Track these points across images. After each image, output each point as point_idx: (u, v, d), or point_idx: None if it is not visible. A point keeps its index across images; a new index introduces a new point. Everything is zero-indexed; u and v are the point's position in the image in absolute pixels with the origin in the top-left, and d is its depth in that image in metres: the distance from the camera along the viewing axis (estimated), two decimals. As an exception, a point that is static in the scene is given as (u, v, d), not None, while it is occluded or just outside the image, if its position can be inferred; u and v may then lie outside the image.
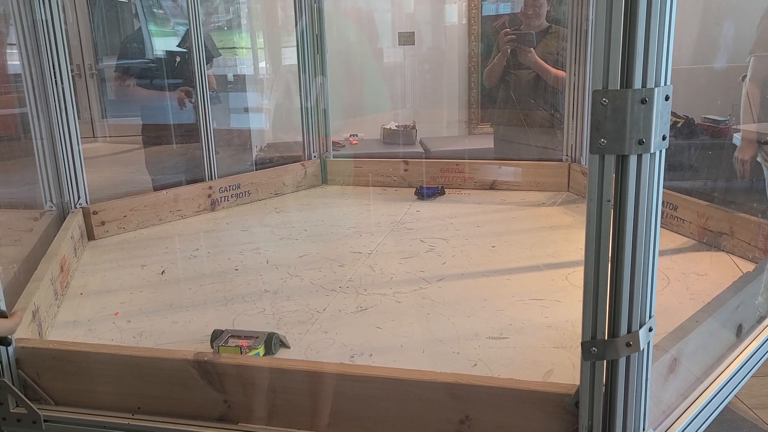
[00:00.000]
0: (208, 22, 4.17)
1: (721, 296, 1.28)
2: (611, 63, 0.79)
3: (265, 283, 1.68)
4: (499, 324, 1.39)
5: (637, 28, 0.77)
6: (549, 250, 1.86)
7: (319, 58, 2.71)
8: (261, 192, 2.58)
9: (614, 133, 0.80)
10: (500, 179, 2.61)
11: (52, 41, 1.89)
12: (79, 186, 2.04)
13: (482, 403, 0.98)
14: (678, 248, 1.83)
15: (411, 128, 4.35)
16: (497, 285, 1.63)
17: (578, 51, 2.38)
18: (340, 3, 4.46)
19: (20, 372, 1.14)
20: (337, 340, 1.34)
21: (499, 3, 4.73)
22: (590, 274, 0.86)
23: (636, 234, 0.84)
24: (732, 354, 1.26)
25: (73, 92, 1.97)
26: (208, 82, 2.42)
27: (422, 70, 4.78)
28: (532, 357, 1.25)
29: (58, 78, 1.92)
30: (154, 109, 2.95)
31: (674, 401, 1.10)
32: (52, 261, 1.60)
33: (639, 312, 0.87)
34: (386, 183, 2.74)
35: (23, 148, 2.07)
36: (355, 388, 1.04)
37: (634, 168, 0.82)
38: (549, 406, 0.95)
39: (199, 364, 1.07)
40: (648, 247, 0.85)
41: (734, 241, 1.74)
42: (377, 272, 1.73)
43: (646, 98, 0.79)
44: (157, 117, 2.97)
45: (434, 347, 1.30)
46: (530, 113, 2.89)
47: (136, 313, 1.52)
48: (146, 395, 1.11)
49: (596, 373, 0.90)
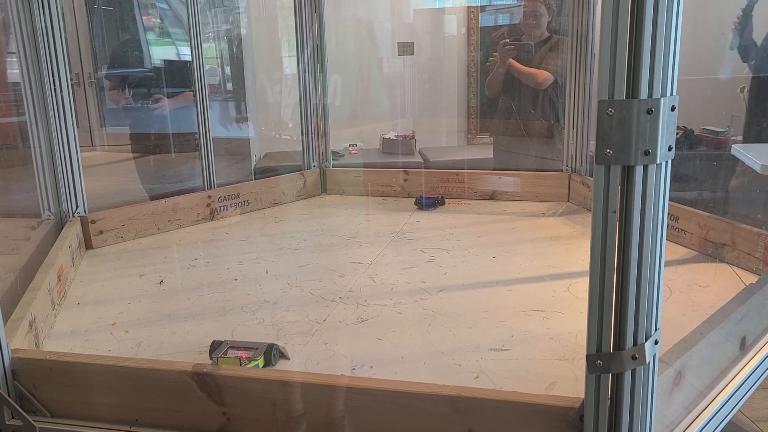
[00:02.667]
0: (207, 31, 4.18)
1: (724, 308, 1.27)
2: (617, 73, 0.78)
3: (264, 293, 1.67)
4: (500, 335, 1.38)
5: (643, 37, 0.76)
6: (550, 261, 1.85)
7: (319, 68, 2.71)
8: (260, 201, 2.57)
9: (620, 144, 0.80)
10: (500, 189, 2.61)
11: (51, 50, 1.89)
12: (77, 195, 2.03)
13: (485, 416, 0.97)
14: (680, 259, 1.82)
15: (410, 138, 4.35)
16: (498, 296, 1.62)
17: (579, 60, 2.38)
18: (341, 13, 4.48)
19: (16, 383, 1.13)
20: (337, 352, 1.33)
21: (498, 14, 4.75)
22: (595, 286, 0.85)
23: (642, 245, 0.83)
24: (736, 367, 1.24)
25: (72, 101, 1.97)
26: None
27: (421, 80, 4.79)
28: (534, 369, 1.24)
29: (57, 86, 1.92)
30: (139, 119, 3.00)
31: (678, 415, 1.09)
32: (50, 270, 1.58)
33: (645, 324, 0.86)
34: (386, 193, 2.73)
35: (22, 157, 2.06)
36: (355, 400, 1.02)
37: (640, 179, 0.81)
38: (553, 420, 0.94)
39: (198, 375, 1.06)
40: (654, 259, 0.84)
41: (736, 253, 1.73)
42: (377, 283, 1.71)
43: (653, 108, 0.78)
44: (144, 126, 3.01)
45: (435, 359, 1.29)
46: (530, 123, 2.89)
47: (134, 324, 1.51)
48: (144, 407, 1.10)
49: (601, 386, 0.88)
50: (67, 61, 1.94)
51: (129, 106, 2.95)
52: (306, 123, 2.75)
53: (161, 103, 2.88)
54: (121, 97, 2.99)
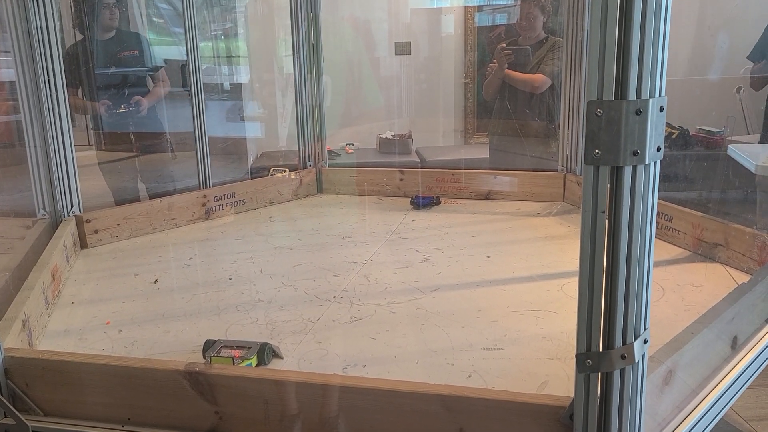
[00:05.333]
0: (205, 30, 4.18)
1: (716, 308, 1.27)
2: (606, 74, 0.78)
3: (258, 292, 1.67)
4: (493, 335, 1.38)
5: (631, 39, 0.77)
6: (544, 261, 1.86)
7: (315, 67, 2.71)
8: (256, 201, 2.57)
9: (609, 144, 0.80)
10: (496, 189, 2.61)
11: (46, 49, 1.89)
12: (72, 194, 2.03)
13: (477, 415, 0.97)
14: (673, 259, 1.83)
15: (407, 138, 4.35)
16: (492, 295, 1.62)
17: (574, 61, 2.39)
18: (337, 12, 4.48)
19: (9, 382, 1.13)
20: (330, 351, 1.33)
21: (495, 13, 4.75)
22: (585, 286, 0.85)
23: (631, 245, 0.83)
24: (727, 366, 1.25)
25: (67, 100, 1.96)
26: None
27: (418, 79, 4.80)
28: (526, 368, 1.24)
29: (52, 85, 1.92)
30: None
31: (669, 413, 1.09)
32: (44, 270, 1.58)
33: (634, 324, 0.86)
34: (382, 192, 2.73)
35: (16, 156, 2.06)
36: (348, 399, 1.03)
37: (629, 179, 0.81)
38: (544, 419, 0.95)
39: (191, 374, 1.06)
40: (643, 259, 0.85)
41: (729, 252, 1.73)
42: (372, 282, 1.72)
43: (641, 109, 0.79)
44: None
45: (428, 358, 1.29)
46: (526, 123, 2.90)
47: (128, 323, 1.51)
48: (137, 406, 1.10)
49: (591, 385, 0.89)
50: (62, 60, 1.94)
51: (112, 111, 2.95)
52: (302, 122, 2.75)
53: (141, 104, 2.92)
54: (87, 105, 2.99)
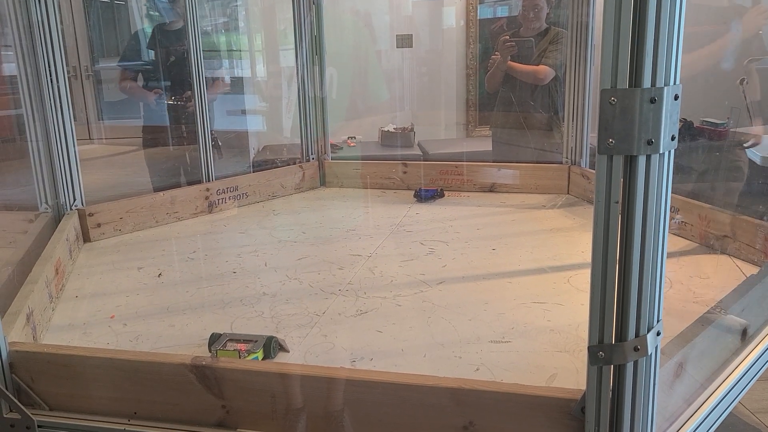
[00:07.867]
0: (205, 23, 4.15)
1: (725, 300, 1.26)
2: (620, 61, 0.77)
3: (263, 286, 1.66)
4: (501, 328, 1.37)
5: (646, 25, 0.75)
6: (550, 253, 1.85)
7: (317, 60, 2.69)
8: (259, 194, 2.56)
9: (623, 133, 0.79)
10: (500, 182, 2.60)
11: (48, 42, 1.88)
12: (74, 188, 2.02)
13: (486, 408, 0.96)
14: (680, 251, 1.82)
15: (409, 131, 4.33)
16: (498, 288, 1.61)
17: (578, 53, 2.37)
18: (339, 5, 4.45)
19: (14, 376, 1.12)
20: (336, 344, 1.32)
21: (496, 6, 4.72)
22: (597, 277, 0.84)
23: (645, 236, 0.82)
24: (737, 358, 1.24)
25: (69, 94, 1.95)
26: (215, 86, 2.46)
27: (420, 72, 4.77)
28: (534, 361, 1.23)
29: (54, 79, 1.90)
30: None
31: (679, 407, 1.08)
32: (47, 263, 1.57)
33: (647, 315, 0.85)
34: (385, 185, 2.72)
35: (19, 150, 2.05)
36: (355, 393, 1.02)
37: (643, 169, 0.80)
38: (554, 412, 0.94)
39: (197, 368, 1.05)
40: (656, 249, 0.83)
41: (737, 244, 1.72)
42: (377, 275, 1.71)
43: (656, 97, 0.77)
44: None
45: (436, 351, 1.28)
46: (529, 116, 2.88)
47: (133, 317, 1.50)
48: (142, 400, 1.09)
49: (603, 378, 0.88)
50: (64, 54, 1.93)
51: (161, 102, 2.92)
52: (305, 115, 2.74)
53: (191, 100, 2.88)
54: (141, 92, 2.97)
